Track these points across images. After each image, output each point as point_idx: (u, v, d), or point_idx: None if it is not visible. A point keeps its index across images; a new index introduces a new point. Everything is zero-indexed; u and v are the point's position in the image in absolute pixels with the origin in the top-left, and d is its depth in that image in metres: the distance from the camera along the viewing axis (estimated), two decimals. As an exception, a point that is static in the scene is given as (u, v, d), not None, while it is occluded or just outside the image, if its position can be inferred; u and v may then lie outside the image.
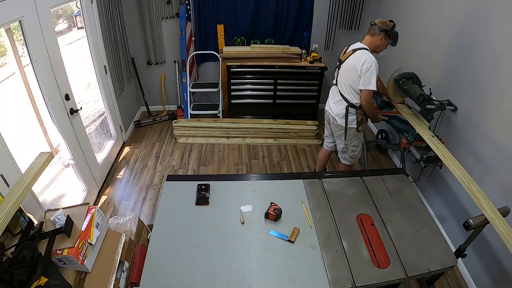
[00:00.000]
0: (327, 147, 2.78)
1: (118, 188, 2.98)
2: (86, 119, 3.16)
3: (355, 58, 2.13)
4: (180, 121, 3.80)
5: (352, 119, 2.33)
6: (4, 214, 1.24)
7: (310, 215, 1.68)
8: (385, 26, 2.10)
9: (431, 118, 2.23)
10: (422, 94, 2.14)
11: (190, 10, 3.61)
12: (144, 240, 1.75)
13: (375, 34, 2.13)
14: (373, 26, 2.13)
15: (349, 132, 2.39)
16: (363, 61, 2.06)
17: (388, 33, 2.11)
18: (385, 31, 2.09)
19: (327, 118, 2.55)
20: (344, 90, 2.28)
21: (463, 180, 1.68)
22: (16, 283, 1.18)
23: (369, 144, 2.97)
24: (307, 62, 3.63)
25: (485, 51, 1.98)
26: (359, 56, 2.11)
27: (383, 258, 1.46)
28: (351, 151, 2.49)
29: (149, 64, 3.97)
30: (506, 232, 1.37)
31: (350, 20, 3.75)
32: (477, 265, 2.05)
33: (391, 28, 2.11)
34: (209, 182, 1.87)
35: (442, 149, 1.94)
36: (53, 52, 2.20)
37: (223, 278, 1.37)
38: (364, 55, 2.08)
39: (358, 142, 2.46)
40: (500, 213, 1.49)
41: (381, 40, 2.12)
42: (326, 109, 2.53)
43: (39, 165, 1.49)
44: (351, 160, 2.56)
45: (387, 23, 2.12)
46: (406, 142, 2.37)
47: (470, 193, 1.61)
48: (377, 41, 2.13)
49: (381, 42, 2.14)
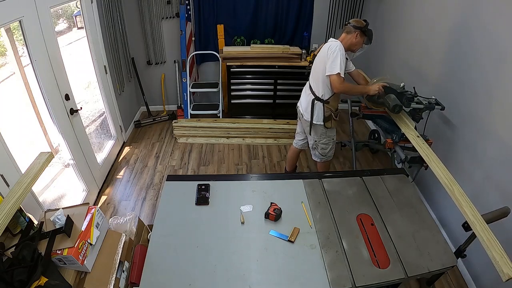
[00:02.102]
0: (296, 145, 2.76)
1: (118, 188, 2.98)
2: (86, 119, 3.16)
3: (323, 49, 2.19)
4: (180, 121, 3.80)
5: (318, 114, 2.30)
6: (4, 214, 1.24)
7: (310, 215, 1.68)
8: (359, 24, 2.16)
9: (419, 118, 2.21)
10: (397, 104, 2.10)
11: (190, 10, 3.61)
12: (144, 240, 1.75)
13: (351, 32, 2.17)
14: (348, 25, 2.19)
15: (316, 128, 2.36)
16: (328, 47, 2.10)
17: (362, 29, 2.15)
18: (360, 28, 2.15)
19: (299, 114, 2.53)
20: (313, 83, 2.30)
21: (445, 182, 1.65)
22: (16, 283, 1.18)
23: (358, 144, 2.95)
24: (307, 62, 3.63)
25: (487, 50, 1.97)
26: (325, 46, 2.17)
27: (383, 258, 1.46)
28: (321, 149, 2.45)
29: (149, 64, 3.97)
30: (486, 238, 1.34)
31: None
32: (477, 265, 2.05)
33: (365, 26, 2.16)
34: (209, 182, 1.86)
35: (426, 150, 1.91)
36: (53, 52, 2.20)
37: (223, 278, 1.37)
38: (330, 43, 2.13)
39: (328, 140, 2.41)
40: (500, 213, 1.49)
41: (356, 37, 2.17)
42: (298, 105, 2.53)
43: (39, 165, 1.49)
44: (322, 158, 2.50)
45: (361, 21, 2.18)
46: (391, 142, 2.34)
47: (451, 195, 1.59)
48: (352, 38, 2.17)
49: (357, 40, 2.17)
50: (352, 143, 2.86)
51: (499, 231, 1.77)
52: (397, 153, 2.35)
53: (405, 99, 2.15)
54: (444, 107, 2.25)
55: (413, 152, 2.20)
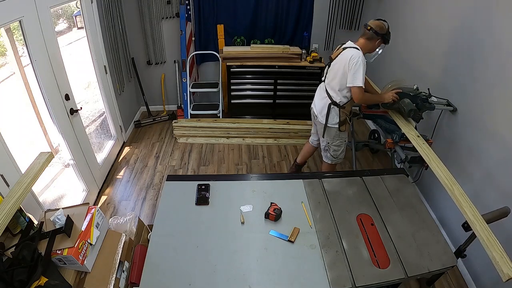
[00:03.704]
0: (312, 143, 2.79)
1: (118, 188, 2.98)
2: (86, 119, 3.16)
3: (343, 56, 2.13)
4: (180, 121, 3.80)
5: (333, 118, 2.30)
6: (4, 214, 1.24)
7: (310, 215, 1.68)
8: (382, 30, 2.08)
9: (419, 118, 2.22)
10: (412, 109, 2.11)
11: (190, 10, 3.61)
12: (144, 240, 1.75)
13: (371, 39, 2.11)
14: (369, 31, 2.10)
15: (330, 131, 2.37)
16: (350, 57, 2.05)
17: (384, 37, 2.10)
18: (382, 35, 2.09)
19: (312, 115, 2.54)
20: (329, 88, 2.28)
21: (445, 183, 1.65)
22: (16, 283, 1.18)
23: (358, 144, 2.95)
24: (307, 62, 3.63)
25: (488, 49, 1.97)
26: (346, 54, 2.10)
27: (383, 258, 1.46)
28: (333, 150, 2.46)
29: (149, 64, 3.97)
30: (486, 238, 1.34)
31: (350, 20, 3.75)
32: (477, 265, 2.05)
33: (387, 31, 2.10)
34: (209, 182, 1.87)
35: (426, 150, 1.92)
36: (53, 52, 2.20)
37: (223, 278, 1.37)
38: (352, 52, 2.07)
39: (341, 142, 2.42)
40: (500, 213, 1.49)
41: (378, 44, 2.14)
42: (312, 106, 2.53)
43: (39, 165, 1.49)
44: (333, 160, 2.51)
45: (383, 26, 2.09)
46: (391, 142, 2.35)
47: (452, 195, 1.59)
48: (373, 45, 2.14)
49: (375, 46, 2.15)
50: (352, 143, 2.86)
51: (499, 231, 1.77)
52: (397, 153, 2.35)
53: (420, 100, 2.15)
54: (456, 109, 2.25)
55: (413, 152, 2.20)
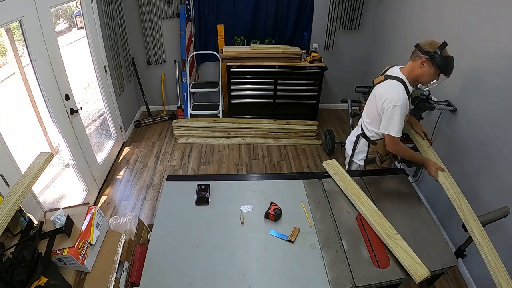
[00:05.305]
0: None
1: (118, 188, 2.98)
2: (86, 119, 3.16)
3: (380, 90, 1.73)
4: (180, 121, 3.81)
5: (361, 153, 2.01)
6: (4, 214, 1.24)
7: (310, 215, 1.68)
8: (429, 47, 1.58)
9: (419, 118, 2.21)
10: (417, 96, 2.08)
11: (190, 10, 3.61)
12: (144, 240, 1.75)
13: (416, 59, 1.64)
14: (416, 48, 1.65)
15: (353, 166, 2.09)
16: (385, 99, 1.65)
17: (431, 56, 1.56)
18: (427, 53, 1.57)
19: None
20: (363, 117, 1.99)
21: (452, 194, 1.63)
22: (16, 283, 1.18)
23: None
24: (307, 62, 3.64)
25: (489, 48, 1.97)
26: (384, 89, 1.70)
27: (383, 258, 1.46)
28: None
29: (149, 64, 3.97)
30: (494, 262, 1.32)
31: (350, 20, 3.75)
32: (477, 265, 2.05)
33: (434, 51, 1.55)
34: (209, 182, 1.86)
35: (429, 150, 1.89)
36: (53, 52, 2.20)
37: (223, 278, 1.37)
38: (390, 91, 1.66)
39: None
40: (500, 213, 1.49)
41: (422, 66, 1.61)
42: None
43: (39, 165, 1.49)
44: None
45: (433, 44, 1.59)
46: None
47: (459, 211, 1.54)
48: (417, 67, 1.63)
49: (422, 70, 1.62)
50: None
51: (499, 231, 1.77)
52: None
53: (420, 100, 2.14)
54: (456, 109, 2.24)
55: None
